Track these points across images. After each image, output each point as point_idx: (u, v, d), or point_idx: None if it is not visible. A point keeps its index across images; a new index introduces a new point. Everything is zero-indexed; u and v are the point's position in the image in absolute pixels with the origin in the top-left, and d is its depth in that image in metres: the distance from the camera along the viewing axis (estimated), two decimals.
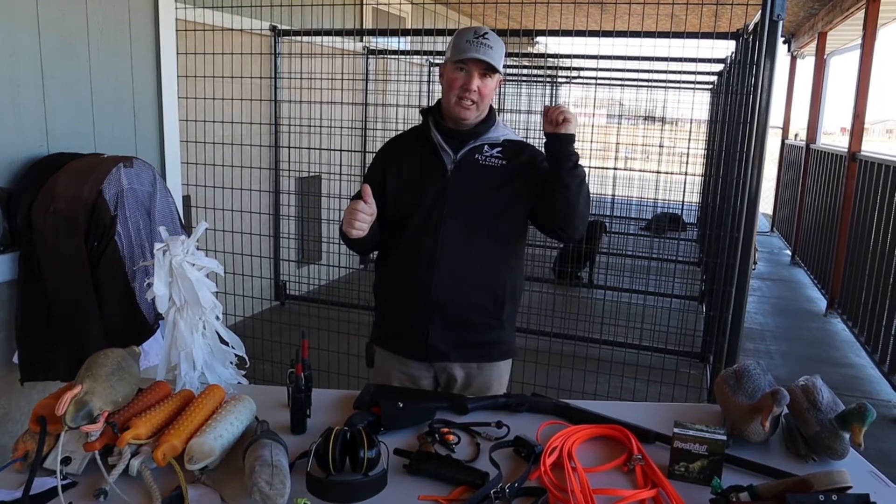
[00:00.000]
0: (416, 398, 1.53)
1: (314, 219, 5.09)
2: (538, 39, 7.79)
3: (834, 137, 13.81)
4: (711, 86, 7.58)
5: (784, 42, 8.67)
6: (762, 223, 9.02)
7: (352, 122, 5.50)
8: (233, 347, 1.55)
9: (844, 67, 8.52)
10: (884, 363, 3.97)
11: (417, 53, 5.79)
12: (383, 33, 5.83)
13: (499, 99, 6.36)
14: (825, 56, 7.07)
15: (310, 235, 5.13)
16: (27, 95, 2.27)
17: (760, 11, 2.46)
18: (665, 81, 7.61)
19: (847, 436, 1.29)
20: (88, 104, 2.49)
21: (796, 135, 8.53)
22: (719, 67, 5.93)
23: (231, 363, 1.56)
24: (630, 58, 3.79)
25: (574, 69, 7.45)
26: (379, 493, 1.11)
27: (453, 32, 1.70)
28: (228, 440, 1.22)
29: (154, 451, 1.15)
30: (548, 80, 8.36)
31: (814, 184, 6.68)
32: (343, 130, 4.94)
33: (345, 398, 1.51)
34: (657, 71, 6.98)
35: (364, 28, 5.73)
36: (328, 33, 4.29)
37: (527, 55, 8.63)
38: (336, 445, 1.14)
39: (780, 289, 6.20)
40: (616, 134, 8.07)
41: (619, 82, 8.11)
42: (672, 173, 7.56)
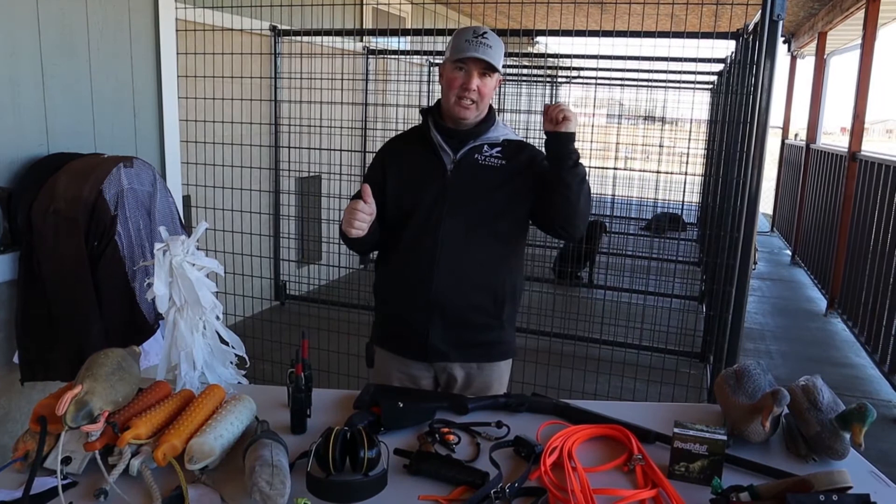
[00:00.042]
0: (416, 398, 1.53)
1: (314, 219, 5.09)
2: (538, 39, 7.79)
3: (834, 137, 13.82)
4: (711, 86, 7.58)
5: (784, 42, 8.67)
6: (762, 223, 9.02)
7: (352, 122, 5.50)
8: (233, 347, 1.55)
9: (844, 67, 8.52)
10: (884, 363, 3.98)
11: (417, 53, 5.79)
12: (383, 33, 5.82)
13: (499, 99, 6.36)
14: (825, 56, 7.07)
15: (310, 235, 5.13)
16: (27, 95, 2.27)
17: (760, 11, 2.46)
18: (665, 81, 7.61)
19: (847, 436, 1.29)
20: (88, 104, 2.49)
21: (796, 135, 8.53)
22: (719, 67, 5.93)
23: (231, 363, 1.56)
24: (630, 58, 3.79)
25: (574, 69, 7.45)
26: (379, 493, 1.11)
27: (453, 32, 1.69)
28: (229, 440, 1.22)
29: (154, 451, 1.15)
30: (548, 80, 8.36)
31: (814, 184, 6.68)
32: (343, 130, 4.94)
33: (345, 398, 1.51)
34: (657, 71, 6.99)
35: (364, 28, 5.73)
36: (328, 33, 4.29)
37: (527, 55, 8.62)
38: (336, 445, 1.14)
39: (780, 289, 6.20)
40: (616, 134, 8.08)
41: (619, 82, 8.11)
42: (672, 173, 7.56)
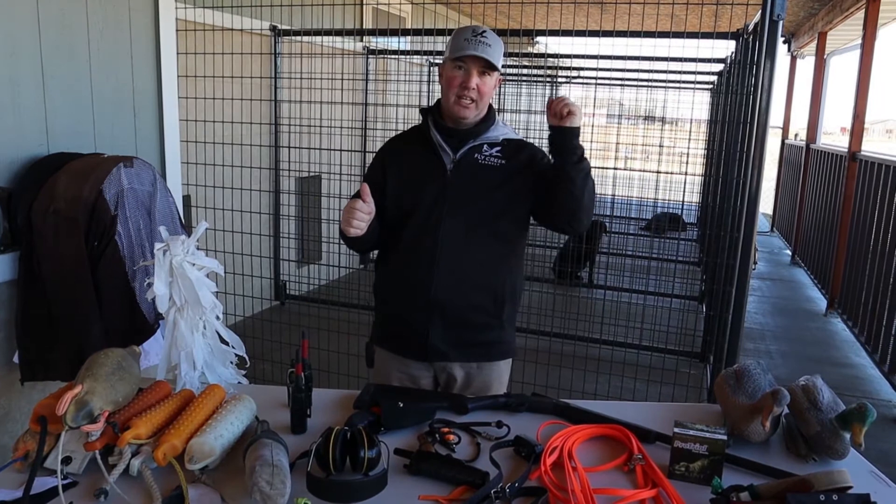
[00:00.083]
0: (416, 398, 1.53)
1: (314, 219, 5.09)
2: (538, 39, 7.79)
3: (834, 137, 13.83)
4: (711, 86, 7.58)
5: (784, 42, 8.67)
6: (762, 223, 9.02)
7: (352, 122, 5.50)
8: (233, 347, 1.55)
9: (844, 67, 8.53)
10: (884, 363, 3.97)
11: (417, 53, 5.79)
12: (383, 33, 5.83)
13: (499, 99, 6.36)
14: (825, 56, 7.07)
15: (310, 235, 5.13)
16: (27, 95, 2.27)
17: (760, 11, 2.46)
18: (665, 81, 7.61)
19: (847, 436, 1.29)
20: (88, 104, 2.49)
21: (796, 135, 8.52)
22: (719, 67, 5.93)
23: (231, 363, 1.56)
24: (630, 58, 3.79)
25: (574, 69, 7.45)
26: (379, 493, 1.11)
27: (453, 32, 1.69)
28: (229, 440, 1.22)
29: (154, 451, 1.15)
30: (548, 80, 8.36)
31: (814, 184, 6.68)
32: (343, 130, 4.94)
33: (345, 398, 1.51)
34: (657, 71, 6.98)
35: (364, 28, 5.73)
36: (328, 33, 4.29)
37: (527, 55, 8.62)
38: (336, 445, 1.14)
39: (780, 289, 6.20)
40: (616, 134, 8.08)
41: (619, 82, 8.11)
42: (672, 173, 7.55)
